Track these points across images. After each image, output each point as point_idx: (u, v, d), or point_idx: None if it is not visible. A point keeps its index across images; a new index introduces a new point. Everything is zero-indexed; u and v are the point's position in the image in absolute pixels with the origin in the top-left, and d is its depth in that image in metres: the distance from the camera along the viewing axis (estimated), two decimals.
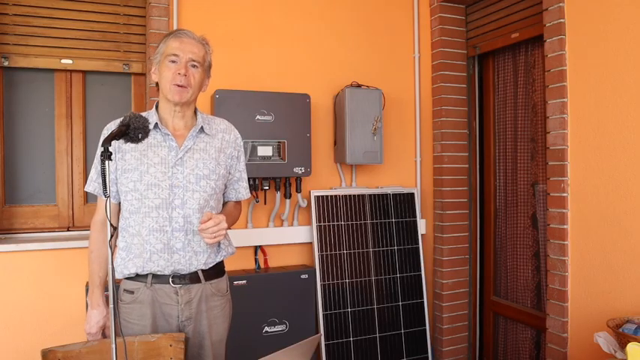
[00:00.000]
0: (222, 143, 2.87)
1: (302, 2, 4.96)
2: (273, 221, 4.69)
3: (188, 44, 2.73)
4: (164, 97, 2.77)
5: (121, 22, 4.50)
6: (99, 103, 4.56)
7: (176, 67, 2.70)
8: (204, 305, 2.78)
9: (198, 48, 2.76)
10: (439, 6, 5.25)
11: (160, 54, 2.78)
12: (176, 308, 2.72)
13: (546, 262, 4.08)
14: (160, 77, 2.77)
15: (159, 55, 2.79)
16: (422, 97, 5.33)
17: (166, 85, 2.72)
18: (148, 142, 2.70)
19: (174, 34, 2.77)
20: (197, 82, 2.76)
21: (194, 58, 2.72)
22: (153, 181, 2.67)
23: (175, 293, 2.71)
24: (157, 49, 2.82)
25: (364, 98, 4.77)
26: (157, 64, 2.80)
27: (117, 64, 4.48)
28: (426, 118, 5.34)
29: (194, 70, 2.73)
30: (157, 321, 2.75)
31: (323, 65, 4.98)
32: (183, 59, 2.70)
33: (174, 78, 2.69)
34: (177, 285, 2.71)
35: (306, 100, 4.56)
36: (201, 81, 2.81)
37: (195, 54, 2.73)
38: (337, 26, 5.07)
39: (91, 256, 2.85)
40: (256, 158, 4.38)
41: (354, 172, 5.04)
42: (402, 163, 5.27)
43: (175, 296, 2.71)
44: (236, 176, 2.97)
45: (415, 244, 5.04)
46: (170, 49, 2.73)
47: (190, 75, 2.72)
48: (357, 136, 4.72)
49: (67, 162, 4.42)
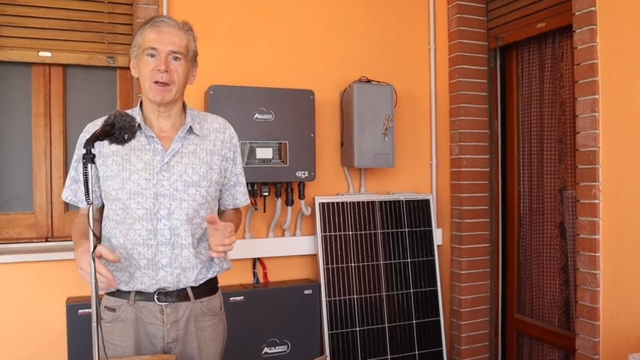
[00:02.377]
0: (215, 144, 2.83)
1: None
2: (273, 231, 4.68)
3: (167, 34, 2.65)
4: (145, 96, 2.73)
5: (105, 10, 4.47)
6: (81, 100, 4.55)
7: (155, 62, 2.64)
8: (193, 326, 2.74)
9: (179, 37, 2.68)
10: None
11: (136, 47, 2.72)
12: (161, 328, 2.68)
13: (575, 276, 4.05)
14: (139, 74, 2.72)
15: (136, 47, 2.73)
16: (438, 94, 5.32)
17: (146, 82, 2.67)
18: (131, 145, 2.64)
19: (151, 22, 2.70)
20: (181, 77, 2.69)
21: (175, 50, 2.65)
22: (136, 190, 2.64)
23: (161, 312, 2.67)
24: (134, 42, 2.76)
25: (374, 95, 4.76)
26: (135, 59, 2.75)
27: (101, 56, 4.46)
28: (442, 117, 5.33)
29: (176, 64, 2.66)
30: (141, 342, 2.70)
31: (328, 58, 4.97)
32: (162, 52, 2.63)
33: (154, 75, 2.63)
34: (163, 303, 2.67)
35: (310, 97, 4.56)
36: (186, 74, 2.74)
37: (177, 44, 2.66)
38: (344, 16, 5.05)
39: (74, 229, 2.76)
40: (255, 161, 4.38)
41: (363, 177, 5.03)
42: (415, 167, 5.26)
43: (161, 315, 2.67)
44: (232, 180, 2.93)
45: (430, 256, 5.03)
46: (147, 41, 2.66)
47: (173, 70, 2.65)
48: (367, 137, 4.72)
49: (45, 165, 4.40)
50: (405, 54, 5.26)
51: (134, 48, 2.73)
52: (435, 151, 5.28)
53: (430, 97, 5.29)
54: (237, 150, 2.94)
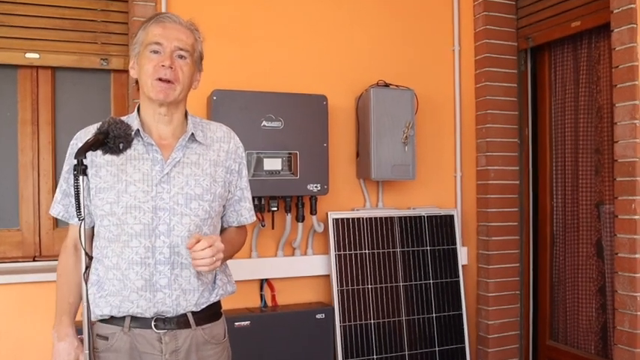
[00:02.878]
0: (220, 155, 2.78)
1: None
2: (282, 249, 4.66)
3: (173, 30, 2.63)
4: (146, 97, 2.67)
5: (99, 8, 4.44)
6: (71, 106, 4.51)
7: (159, 57, 2.60)
8: (195, 355, 2.66)
9: (185, 34, 2.66)
10: None
11: (138, 44, 2.68)
12: (159, 358, 2.60)
13: (614, 298, 4.07)
14: (139, 72, 2.67)
15: (137, 44, 2.69)
16: (463, 99, 5.30)
17: (147, 80, 2.61)
18: (127, 154, 2.54)
19: (156, 18, 2.68)
20: (186, 76, 2.66)
21: (181, 47, 2.62)
22: (133, 203, 2.57)
23: (159, 340, 2.58)
24: (135, 38, 2.72)
25: (393, 100, 4.72)
26: (136, 57, 2.70)
27: (93, 58, 4.42)
28: (467, 125, 5.31)
29: (182, 62, 2.63)
30: None
31: (343, 60, 4.94)
32: (167, 48, 2.60)
33: (157, 71, 2.59)
34: (161, 330, 2.59)
35: (323, 103, 4.55)
36: (191, 75, 2.70)
37: (183, 41, 2.63)
38: (360, 13, 5.02)
39: (59, 280, 2.76)
40: (262, 173, 4.36)
41: (381, 190, 5.00)
42: (438, 179, 5.23)
43: (159, 344, 2.58)
44: (237, 195, 2.87)
45: (455, 277, 5.00)
46: (151, 36, 2.63)
47: (177, 67, 2.61)
48: (385, 146, 4.69)
49: (32, 177, 4.36)
50: (427, 55, 5.22)
51: (135, 45, 2.69)
52: (459, 162, 5.25)
53: (454, 102, 5.26)
54: (243, 161, 2.89)
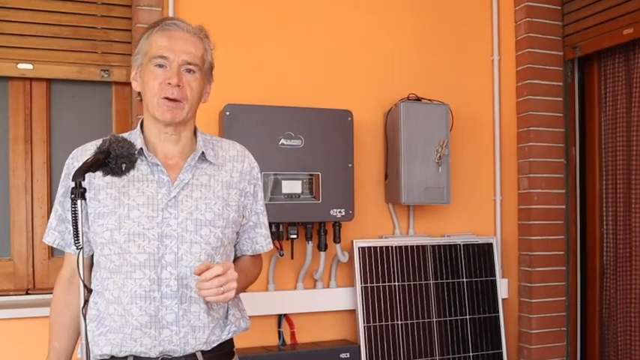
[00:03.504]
0: (233, 175, 2.72)
1: None
2: (302, 281, 4.62)
3: (180, 40, 2.57)
4: (150, 115, 2.62)
5: (99, 13, 4.40)
6: (68, 123, 4.48)
7: (165, 73, 2.54)
8: None
9: (194, 44, 2.60)
10: None
11: (141, 54, 2.62)
12: None
13: None
14: (143, 87, 2.61)
15: (140, 55, 2.63)
16: (503, 115, 5.25)
17: (152, 99, 2.55)
18: (130, 175, 2.50)
19: (161, 25, 2.61)
20: (195, 93, 2.60)
21: (190, 60, 2.56)
22: (136, 230, 2.51)
23: None
24: (138, 47, 2.65)
25: (425, 116, 4.69)
26: (139, 68, 2.64)
27: (93, 69, 4.39)
28: (508, 143, 5.27)
29: (190, 77, 2.57)
30: None
31: (370, 72, 4.90)
32: (174, 62, 2.54)
33: (163, 89, 2.53)
34: None
35: (348, 119, 4.50)
36: (201, 90, 2.64)
37: (192, 54, 2.57)
38: (390, 19, 4.98)
39: (50, 319, 2.73)
40: (280, 196, 4.32)
41: (412, 216, 4.96)
42: (475, 204, 5.18)
43: None
44: (252, 220, 2.81)
45: (494, 313, 4.94)
46: (155, 48, 2.56)
47: (185, 84, 2.55)
48: (416, 167, 4.64)
49: (25, 201, 4.35)
50: (463, 66, 5.17)
51: (137, 55, 2.63)
52: (499, 184, 5.20)
53: (493, 118, 5.22)
54: (259, 183, 2.83)
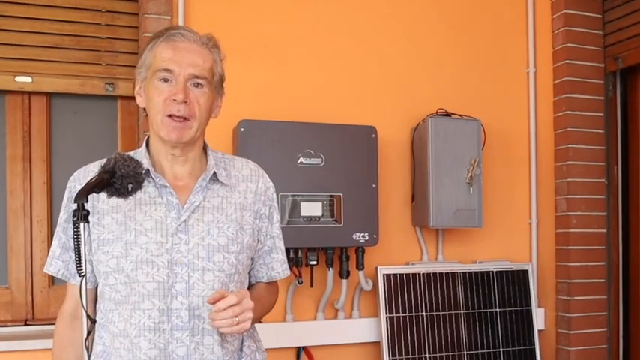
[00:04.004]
0: (246, 197, 2.71)
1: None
2: (323, 311, 4.59)
3: (187, 51, 2.54)
4: (156, 134, 2.60)
5: (103, 22, 4.38)
6: (70, 140, 4.46)
7: (170, 88, 2.51)
8: None
9: (202, 56, 2.57)
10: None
11: (144, 67, 2.60)
12: None
13: None
14: (147, 103, 2.60)
15: (144, 68, 2.60)
16: (539, 131, 5.22)
17: (157, 116, 2.53)
18: (136, 198, 2.51)
19: (165, 36, 2.58)
20: (204, 109, 2.57)
21: (197, 73, 2.53)
22: (144, 257, 2.49)
23: None
24: (141, 59, 2.62)
25: (455, 132, 4.67)
26: (143, 82, 2.62)
27: (96, 82, 4.36)
28: (544, 162, 5.24)
29: (198, 92, 2.54)
30: None
31: (396, 85, 4.86)
32: (180, 76, 2.51)
33: (168, 106, 2.50)
34: None
35: (372, 136, 4.47)
36: (210, 105, 2.62)
37: (199, 66, 2.54)
38: (417, 30, 4.96)
39: (52, 357, 2.72)
40: (299, 219, 4.29)
41: (441, 240, 4.93)
42: (509, 227, 5.13)
43: None
44: (267, 245, 2.80)
45: (529, 345, 4.88)
46: (160, 60, 2.53)
47: (193, 100, 2.53)
48: (446, 188, 4.62)
49: (24, 225, 4.31)
50: (496, 79, 5.14)
51: (141, 69, 2.61)
52: (535, 206, 5.17)
53: (529, 135, 5.20)
54: (274, 204, 2.82)
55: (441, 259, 4.91)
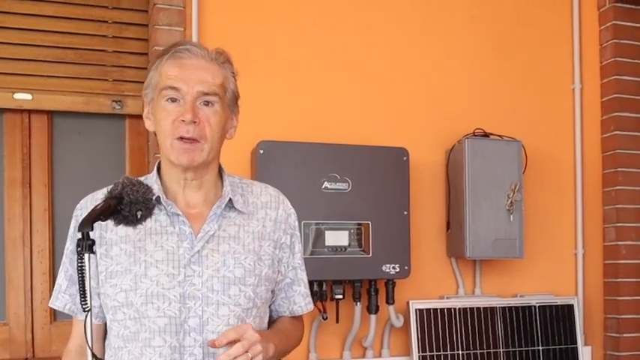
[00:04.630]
0: (265, 225, 2.68)
1: (397, 6, 4.85)
2: (349, 349, 4.55)
3: (194, 68, 2.51)
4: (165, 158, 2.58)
5: (110, 33, 4.40)
6: (74, 163, 4.47)
7: (178, 109, 2.47)
8: None
9: (211, 72, 2.53)
10: (613, 8, 5.13)
11: (151, 87, 2.57)
12: None
13: None
14: (156, 127, 2.57)
15: (150, 89, 2.58)
16: (585, 153, 5.20)
17: (166, 140, 2.49)
18: (146, 227, 2.49)
19: (171, 52, 2.54)
20: (216, 129, 2.53)
21: (207, 90, 2.49)
22: (154, 290, 2.47)
23: None
24: (147, 79, 2.59)
25: (494, 154, 4.65)
26: (150, 105, 2.59)
27: (102, 100, 4.38)
28: (591, 187, 5.21)
29: (209, 111, 2.51)
30: None
31: (430, 103, 4.85)
32: (188, 95, 2.47)
33: (177, 128, 2.46)
34: None
35: (403, 159, 4.44)
36: (223, 125, 2.57)
37: (208, 83, 2.50)
38: (452, 42, 4.96)
39: None
40: (323, 250, 4.27)
41: (479, 272, 4.92)
42: (553, 258, 5.09)
43: None
44: (289, 277, 2.77)
45: None
46: (165, 79, 2.50)
47: (203, 120, 2.49)
48: (484, 215, 4.60)
49: (23, 256, 4.31)
50: (538, 96, 5.12)
51: (147, 89, 2.59)
52: (581, 235, 5.14)
53: (574, 157, 5.18)
54: (296, 233, 2.78)
55: (479, 292, 4.88)
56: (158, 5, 4.25)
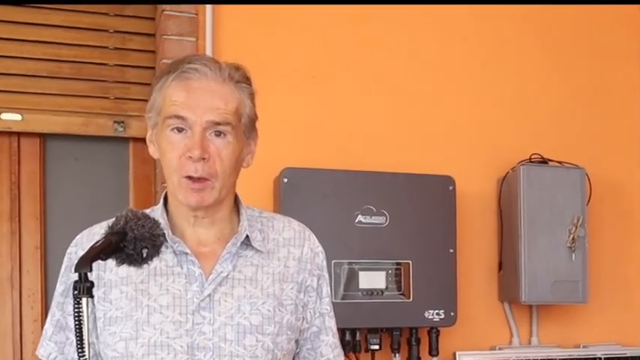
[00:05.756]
0: (288, 265, 2.64)
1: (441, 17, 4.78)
2: None
3: (204, 93, 2.43)
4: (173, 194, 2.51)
5: (111, 45, 4.31)
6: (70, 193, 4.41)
7: (185, 141, 2.40)
8: None
9: (224, 97, 2.46)
10: None
11: (154, 111, 2.49)
12: None
13: None
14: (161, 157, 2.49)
15: (153, 112, 2.50)
16: None
17: (172, 176, 2.43)
18: (150, 266, 2.36)
19: (178, 72, 2.45)
20: (228, 164, 2.46)
21: (218, 120, 2.41)
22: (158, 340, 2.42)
23: None
24: (150, 101, 2.52)
25: (554, 184, 4.56)
26: (154, 129, 2.52)
27: (103, 120, 4.31)
28: None
29: (220, 143, 2.43)
30: None
31: (479, 125, 4.80)
32: (196, 125, 2.40)
33: (184, 165, 2.39)
34: None
35: (449, 188, 4.38)
36: (237, 156, 2.50)
37: (220, 110, 2.43)
38: (504, 56, 4.91)
39: None
40: (357, 293, 4.20)
41: (536, 320, 4.83)
42: (622, 303, 5.03)
43: None
44: (315, 325, 2.70)
45: None
46: (170, 105, 2.42)
47: (214, 155, 2.42)
48: (542, 253, 4.49)
49: (12, 300, 4.26)
50: (604, 117, 5.07)
51: (150, 113, 2.51)
52: None
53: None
54: (325, 275, 2.74)
55: (536, 342, 4.79)
56: (167, 12, 4.17)
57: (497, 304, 4.74)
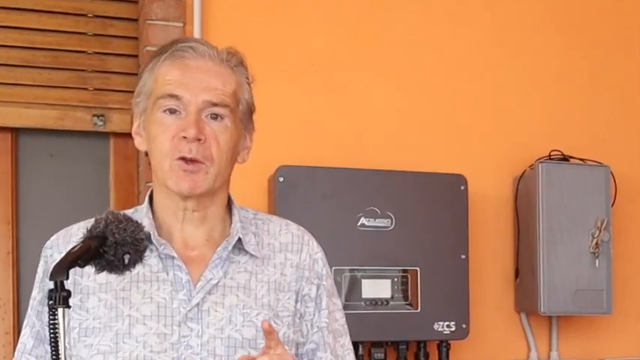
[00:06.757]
0: (285, 272, 2.58)
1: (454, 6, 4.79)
2: None
3: (200, 71, 2.40)
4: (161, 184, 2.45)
5: (90, 31, 4.27)
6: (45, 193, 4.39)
7: (179, 122, 2.36)
8: None
9: (221, 77, 2.42)
10: None
11: (144, 95, 2.45)
12: None
13: None
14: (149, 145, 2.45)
15: (143, 96, 2.45)
16: None
17: (163, 161, 2.38)
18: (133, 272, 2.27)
19: (171, 51, 2.41)
20: (225, 149, 2.41)
21: (215, 100, 2.38)
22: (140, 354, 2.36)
23: None
24: (139, 86, 2.46)
25: (575, 183, 4.55)
26: (142, 117, 2.47)
27: (81, 114, 4.26)
28: None
29: (217, 127, 2.39)
30: None
31: (493, 120, 4.79)
32: (191, 105, 2.36)
33: (177, 146, 2.35)
34: None
35: (460, 188, 4.38)
36: (234, 144, 2.45)
37: (217, 90, 2.39)
38: (522, 45, 4.89)
39: None
40: (360, 303, 4.20)
41: (556, 332, 4.81)
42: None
43: None
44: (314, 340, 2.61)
45: None
46: (163, 84, 2.38)
47: (210, 137, 2.38)
48: (562, 260, 4.48)
49: None
50: (630, 111, 5.06)
51: (139, 98, 2.45)
52: None
53: None
54: (325, 283, 2.66)
55: (556, 356, 4.78)
56: None
57: (514, 315, 4.74)
